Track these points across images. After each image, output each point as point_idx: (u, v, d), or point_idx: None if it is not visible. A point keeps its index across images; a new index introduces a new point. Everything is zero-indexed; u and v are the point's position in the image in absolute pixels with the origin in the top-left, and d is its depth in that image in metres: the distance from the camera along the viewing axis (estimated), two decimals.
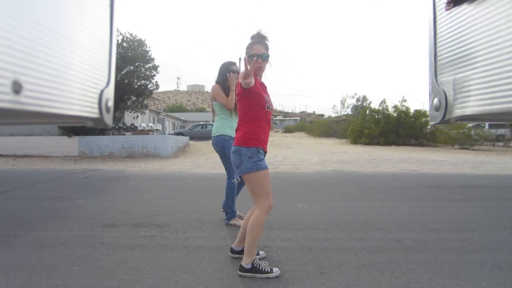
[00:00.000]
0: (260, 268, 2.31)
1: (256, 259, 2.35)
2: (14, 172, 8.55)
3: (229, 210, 3.52)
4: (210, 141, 3.64)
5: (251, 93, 2.29)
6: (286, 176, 7.39)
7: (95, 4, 0.54)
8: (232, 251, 2.68)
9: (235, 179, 3.18)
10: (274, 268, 2.35)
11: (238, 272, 2.34)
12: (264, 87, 2.46)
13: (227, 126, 3.45)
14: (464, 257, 2.65)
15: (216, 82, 3.53)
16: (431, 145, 18.93)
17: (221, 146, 3.41)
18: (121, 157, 12.34)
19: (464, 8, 0.56)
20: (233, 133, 3.30)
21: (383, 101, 21.49)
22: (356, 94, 37.00)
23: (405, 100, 20.76)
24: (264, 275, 2.28)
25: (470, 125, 16.73)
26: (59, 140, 13.09)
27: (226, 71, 3.47)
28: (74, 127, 12.64)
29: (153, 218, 3.84)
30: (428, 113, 0.72)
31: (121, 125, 15.13)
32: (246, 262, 2.31)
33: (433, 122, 0.65)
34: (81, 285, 2.21)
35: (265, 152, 2.39)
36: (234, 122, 3.31)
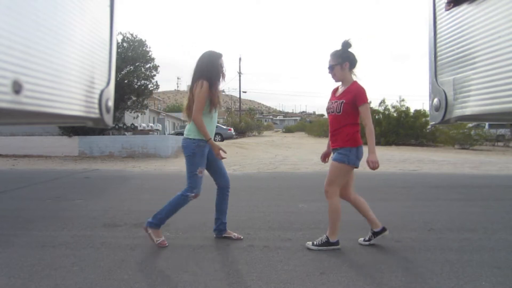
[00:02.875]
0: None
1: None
2: (14, 172, 8.55)
3: (157, 220, 2.94)
4: None
5: None
6: (286, 176, 7.39)
7: (95, 4, 0.54)
8: (375, 233, 2.92)
9: (193, 195, 2.97)
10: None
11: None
12: (335, 93, 2.92)
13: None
14: (464, 257, 2.65)
15: (205, 77, 2.83)
16: (431, 145, 18.93)
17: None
18: (121, 157, 12.34)
19: (464, 8, 0.56)
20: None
21: (383, 101, 21.48)
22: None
23: (403, 100, 20.73)
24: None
25: (470, 125, 16.72)
26: (59, 140, 13.09)
27: (217, 64, 2.92)
28: (74, 127, 12.64)
29: None
30: (428, 113, 0.72)
31: (121, 125, 15.12)
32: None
33: (433, 122, 0.65)
34: (81, 285, 2.21)
35: (334, 149, 2.86)
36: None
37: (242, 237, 3.15)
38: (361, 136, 2.81)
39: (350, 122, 2.78)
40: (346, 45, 2.81)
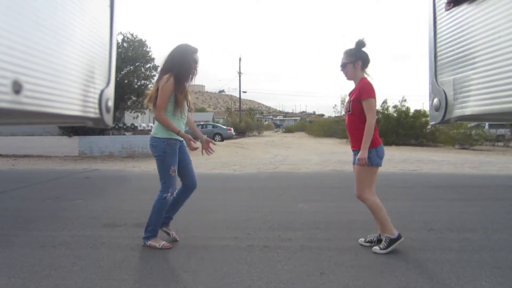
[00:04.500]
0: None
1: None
2: (14, 172, 8.55)
3: (150, 232, 2.87)
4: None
5: None
6: (287, 176, 7.39)
7: (95, 4, 0.54)
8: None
9: (170, 194, 2.88)
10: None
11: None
12: (353, 91, 2.85)
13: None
14: (464, 257, 2.65)
15: (171, 72, 2.67)
16: (431, 145, 18.92)
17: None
18: (121, 157, 12.34)
19: (464, 8, 0.56)
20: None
21: (385, 101, 21.48)
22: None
23: (405, 100, 20.73)
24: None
25: (470, 125, 16.72)
26: (59, 140, 13.08)
27: (191, 60, 2.75)
28: (74, 127, 12.63)
29: None
30: (428, 113, 0.72)
31: (121, 125, 15.12)
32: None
33: (433, 122, 0.65)
34: (81, 285, 2.21)
35: (354, 150, 2.84)
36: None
37: (178, 239, 3.03)
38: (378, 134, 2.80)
39: (364, 121, 2.72)
40: (360, 44, 2.80)
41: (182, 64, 2.72)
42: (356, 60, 2.78)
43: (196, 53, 2.78)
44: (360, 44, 2.80)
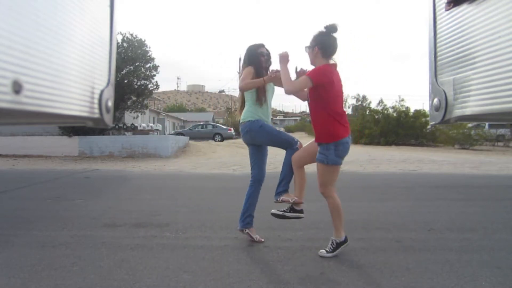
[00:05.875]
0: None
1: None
2: (14, 172, 8.55)
3: (284, 186, 2.97)
4: (210, 141, 3.51)
5: None
6: None
7: (95, 4, 0.54)
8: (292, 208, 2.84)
9: (299, 144, 2.87)
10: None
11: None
12: None
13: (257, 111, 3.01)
14: (464, 257, 2.65)
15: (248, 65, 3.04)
16: (431, 145, 18.91)
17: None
18: (121, 157, 12.34)
19: (464, 8, 0.56)
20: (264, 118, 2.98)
21: (381, 101, 21.52)
22: (358, 95, 37.05)
23: (403, 100, 20.73)
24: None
25: (470, 125, 16.71)
26: (59, 140, 13.09)
27: (258, 53, 3.05)
28: (74, 127, 12.63)
29: (153, 218, 3.84)
30: (428, 113, 0.72)
31: (121, 125, 15.12)
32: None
33: (433, 122, 0.65)
34: (81, 285, 2.21)
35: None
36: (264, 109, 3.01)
37: (263, 240, 3.04)
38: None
39: (323, 111, 2.50)
40: (328, 28, 2.52)
41: (250, 58, 3.07)
42: (314, 45, 2.53)
43: (260, 48, 3.10)
44: (328, 28, 2.51)
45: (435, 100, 0.63)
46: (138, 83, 15.48)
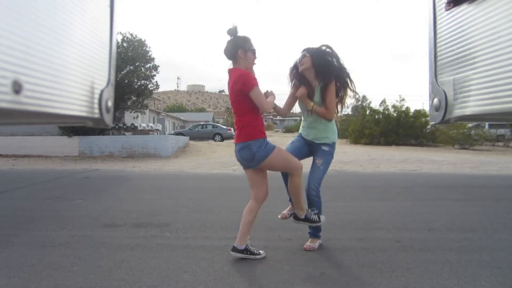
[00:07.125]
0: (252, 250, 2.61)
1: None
2: (14, 172, 8.55)
3: (318, 230, 3.01)
4: (210, 141, 3.52)
5: None
6: None
7: (95, 4, 0.54)
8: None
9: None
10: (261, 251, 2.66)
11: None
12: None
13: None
14: (464, 257, 2.65)
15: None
16: (431, 145, 18.92)
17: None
18: (121, 157, 12.34)
19: (464, 8, 0.56)
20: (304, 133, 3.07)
21: (383, 101, 21.46)
22: (360, 95, 36.96)
23: (403, 99, 20.72)
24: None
25: (470, 125, 16.72)
26: (59, 140, 13.09)
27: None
28: (74, 127, 12.64)
29: (153, 218, 3.84)
30: (428, 113, 0.72)
31: (121, 125, 15.12)
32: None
33: (433, 122, 0.65)
34: (81, 285, 2.21)
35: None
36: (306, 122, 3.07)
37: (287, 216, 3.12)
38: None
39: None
40: (229, 32, 2.53)
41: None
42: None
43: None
44: (229, 32, 2.53)
45: (435, 100, 0.63)
46: (138, 83, 15.48)
